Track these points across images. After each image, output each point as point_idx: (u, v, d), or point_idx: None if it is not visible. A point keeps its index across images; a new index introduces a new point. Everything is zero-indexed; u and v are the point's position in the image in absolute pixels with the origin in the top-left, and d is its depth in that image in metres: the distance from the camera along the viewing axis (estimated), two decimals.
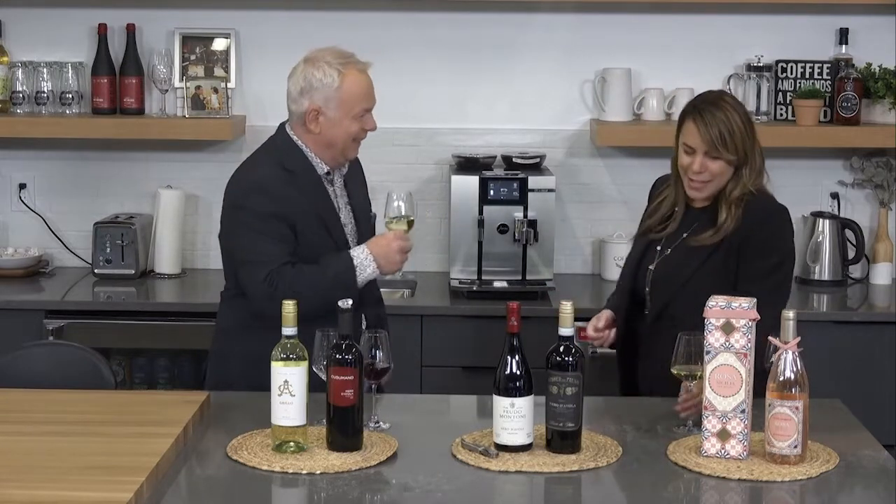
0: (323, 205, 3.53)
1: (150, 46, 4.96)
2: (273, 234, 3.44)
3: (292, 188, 3.48)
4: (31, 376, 3.52)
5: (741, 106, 3.45)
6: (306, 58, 3.52)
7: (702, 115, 3.39)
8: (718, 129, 3.37)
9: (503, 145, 4.97)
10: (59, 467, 2.78)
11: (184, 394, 3.43)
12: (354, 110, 3.49)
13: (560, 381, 2.92)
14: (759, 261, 3.40)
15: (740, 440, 2.92)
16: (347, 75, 3.47)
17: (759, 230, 3.41)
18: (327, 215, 3.53)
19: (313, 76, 3.46)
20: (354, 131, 3.52)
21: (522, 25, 4.96)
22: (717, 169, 3.39)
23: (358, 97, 3.50)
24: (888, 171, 4.91)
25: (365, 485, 2.79)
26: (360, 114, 3.51)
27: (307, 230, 3.48)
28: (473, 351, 4.44)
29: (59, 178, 5.04)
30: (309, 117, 3.48)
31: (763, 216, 3.43)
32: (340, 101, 3.47)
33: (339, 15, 4.93)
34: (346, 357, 2.90)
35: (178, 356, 4.61)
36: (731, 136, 3.37)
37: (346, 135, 3.51)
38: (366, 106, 3.53)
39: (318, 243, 3.49)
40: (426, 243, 5.03)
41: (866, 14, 4.88)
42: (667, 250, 3.52)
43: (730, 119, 3.38)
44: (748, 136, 3.40)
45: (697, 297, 3.31)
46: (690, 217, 3.51)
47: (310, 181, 3.52)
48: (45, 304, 4.57)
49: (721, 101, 3.43)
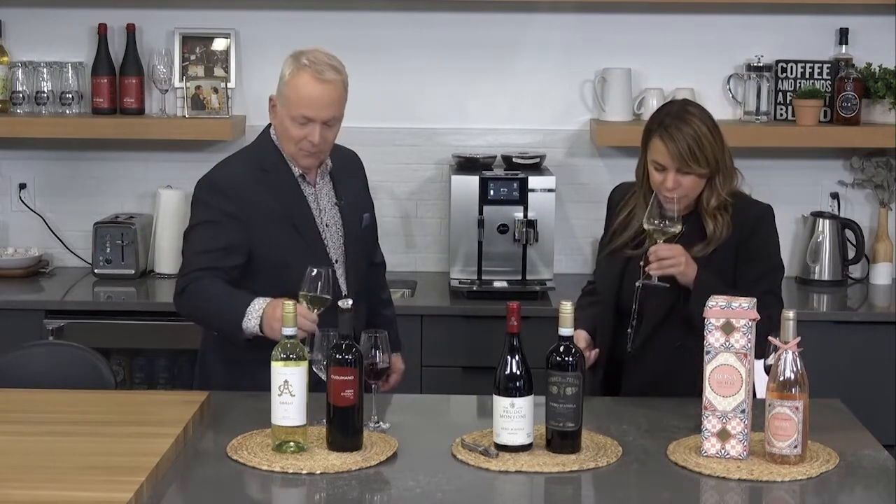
0: (295, 206, 3.50)
1: (150, 46, 4.96)
2: (215, 235, 3.43)
3: (263, 187, 3.47)
4: (31, 376, 3.52)
5: (706, 113, 3.39)
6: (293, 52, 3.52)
7: (668, 132, 3.33)
8: (687, 143, 3.31)
9: (503, 145, 4.97)
10: (59, 467, 2.78)
11: (184, 394, 3.43)
12: (292, 112, 3.40)
13: (560, 381, 2.92)
14: (758, 264, 3.41)
15: (740, 440, 2.92)
16: (298, 75, 3.39)
17: (754, 235, 3.41)
18: (299, 217, 3.50)
19: (283, 65, 3.46)
20: (295, 135, 3.42)
21: (522, 25, 4.96)
22: (690, 183, 3.35)
23: (297, 100, 3.39)
24: (888, 171, 4.91)
25: (365, 485, 2.79)
26: (300, 119, 3.40)
27: (272, 231, 3.46)
28: (473, 351, 4.44)
29: (59, 178, 5.04)
30: (270, 104, 3.50)
31: (754, 221, 3.42)
32: (285, 98, 3.43)
33: (340, 15, 4.93)
34: (346, 357, 2.90)
35: (178, 356, 4.61)
36: (701, 150, 3.32)
37: (288, 136, 3.44)
38: (305, 113, 3.38)
39: (285, 245, 3.46)
40: (426, 243, 5.03)
41: (866, 14, 4.88)
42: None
43: (697, 132, 3.32)
44: (717, 144, 3.35)
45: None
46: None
47: (283, 181, 3.50)
48: (45, 304, 4.57)
49: (685, 113, 3.36)
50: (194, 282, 3.41)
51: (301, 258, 3.41)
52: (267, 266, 3.45)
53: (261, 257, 3.46)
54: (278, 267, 3.44)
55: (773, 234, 3.48)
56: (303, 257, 3.42)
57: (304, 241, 3.50)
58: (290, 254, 3.45)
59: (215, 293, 3.39)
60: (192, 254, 3.47)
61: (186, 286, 3.43)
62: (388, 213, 4.96)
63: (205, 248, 3.43)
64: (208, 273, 3.40)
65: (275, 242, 3.46)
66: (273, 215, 3.47)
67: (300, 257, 3.42)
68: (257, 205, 3.45)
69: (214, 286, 3.39)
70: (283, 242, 3.47)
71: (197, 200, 3.53)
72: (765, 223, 3.45)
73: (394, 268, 4.84)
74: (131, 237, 4.83)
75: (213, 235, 3.44)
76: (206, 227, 3.46)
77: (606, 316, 3.50)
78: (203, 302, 3.40)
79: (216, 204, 3.46)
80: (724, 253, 3.39)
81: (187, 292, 3.42)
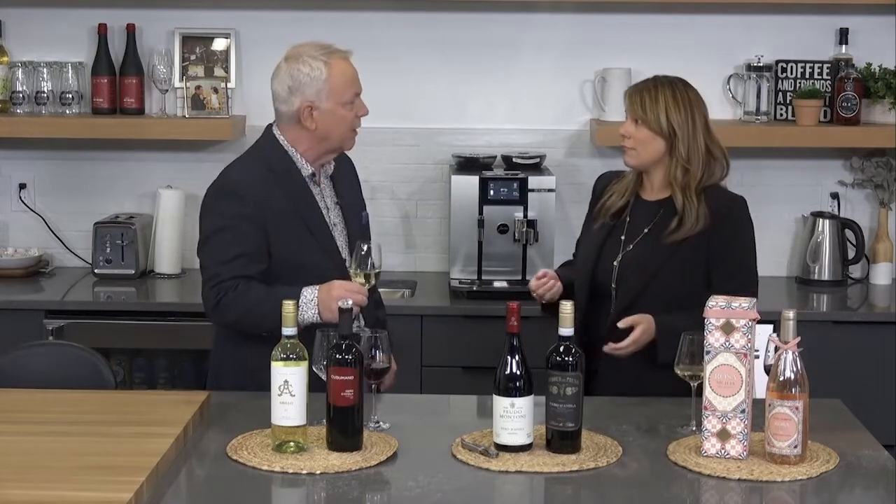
0: (306, 206, 3.50)
1: (150, 46, 4.96)
2: (238, 241, 3.40)
3: (274, 188, 3.46)
4: (31, 376, 3.52)
5: (683, 86, 3.57)
6: (287, 56, 3.50)
7: (635, 85, 3.60)
8: (641, 96, 3.54)
9: (503, 145, 4.97)
10: (59, 467, 2.78)
11: (184, 394, 3.43)
12: (345, 97, 3.47)
13: (560, 381, 2.92)
14: (729, 248, 3.49)
15: (740, 440, 2.92)
16: (334, 65, 3.45)
17: (725, 219, 3.50)
18: (311, 217, 3.50)
19: (300, 72, 3.44)
20: (350, 119, 3.50)
21: (522, 25, 4.96)
22: (643, 136, 3.52)
23: (346, 84, 3.48)
24: (888, 171, 4.91)
25: (365, 485, 2.79)
26: (351, 100, 3.49)
27: (287, 231, 3.45)
28: (473, 351, 4.44)
29: (59, 178, 5.04)
30: (304, 114, 3.46)
31: (724, 205, 3.52)
32: (330, 92, 3.45)
33: (339, 15, 4.93)
34: (346, 357, 2.90)
35: (178, 356, 4.61)
36: (654, 103, 3.51)
37: (342, 124, 3.49)
38: (355, 90, 3.51)
39: (299, 244, 3.46)
40: (426, 243, 5.03)
41: (866, 14, 4.89)
42: (629, 245, 3.56)
43: (658, 90, 3.54)
44: (678, 112, 3.51)
45: (666, 290, 3.47)
46: (647, 210, 3.58)
47: (294, 182, 3.50)
48: (45, 304, 4.57)
49: (661, 77, 3.59)
50: (229, 291, 3.38)
51: (314, 258, 3.44)
52: (282, 266, 3.44)
53: (276, 257, 3.45)
54: (293, 267, 3.43)
55: (745, 220, 3.56)
56: (316, 257, 3.44)
57: (317, 241, 3.49)
58: (304, 253, 3.46)
59: (257, 297, 3.36)
60: (216, 264, 3.42)
61: (221, 297, 3.39)
62: (388, 213, 4.96)
63: (227, 256, 3.40)
64: (240, 281, 3.39)
65: (289, 242, 3.45)
66: (286, 215, 3.46)
67: (314, 257, 3.44)
68: (270, 205, 3.44)
69: (253, 290, 3.37)
70: (297, 242, 3.46)
71: (209, 208, 3.49)
72: (735, 210, 3.55)
73: (394, 268, 4.86)
74: (131, 237, 4.83)
75: (232, 242, 3.41)
76: (225, 233, 3.42)
77: (582, 289, 3.60)
78: (246, 309, 3.36)
79: (231, 209, 3.43)
80: (696, 241, 3.48)
81: (224, 303, 3.39)
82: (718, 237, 3.48)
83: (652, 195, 3.59)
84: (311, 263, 3.42)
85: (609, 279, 3.56)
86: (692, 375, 3.06)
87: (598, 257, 3.60)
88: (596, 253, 3.61)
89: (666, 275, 3.49)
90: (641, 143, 3.53)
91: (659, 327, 3.40)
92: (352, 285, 3.32)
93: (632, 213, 3.61)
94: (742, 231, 3.54)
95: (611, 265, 3.56)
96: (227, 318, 3.43)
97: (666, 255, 3.49)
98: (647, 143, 3.53)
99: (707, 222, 3.47)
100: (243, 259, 3.40)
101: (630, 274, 3.53)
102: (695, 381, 3.06)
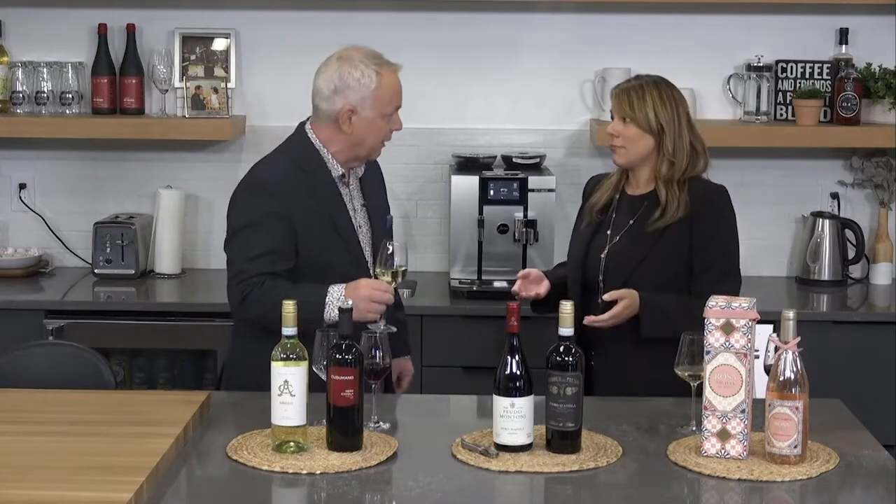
0: (334, 206, 3.50)
1: (150, 46, 4.96)
2: (266, 238, 3.40)
3: (303, 187, 3.45)
4: (31, 376, 3.52)
5: (666, 86, 3.61)
6: (339, 56, 3.48)
7: (620, 86, 3.63)
8: (629, 94, 3.58)
9: (503, 145, 4.97)
10: (59, 467, 2.78)
11: (184, 394, 3.43)
12: (387, 109, 3.48)
13: (560, 381, 2.92)
14: (711, 236, 3.53)
15: (740, 440, 2.92)
16: (384, 76, 3.46)
17: (707, 207, 3.55)
18: (338, 217, 3.50)
19: (350, 75, 3.43)
20: (385, 131, 3.51)
21: (522, 25, 4.96)
22: (632, 135, 3.56)
23: (392, 97, 3.49)
24: (888, 171, 4.91)
25: (365, 485, 2.79)
26: (391, 112, 3.50)
27: (314, 230, 3.45)
28: (473, 351, 4.44)
29: (59, 178, 5.04)
30: (342, 117, 3.45)
31: (706, 194, 3.57)
32: (375, 101, 3.45)
33: (340, 15, 4.93)
34: (346, 357, 2.90)
35: (178, 356, 4.61)
36: (641, 102, 3.55)
37: (377, 134, 3.49)
38: (397, 104, 3.52)
39: (327, 244, 3.46)
40: (426, 243, 5.03)
41: (866, 14, 4.89)
42: (615, 238, 3.61)
43: (644, 89, 3.58)
44: (665, 110, 3.56)
45: (650, 278, 3.51)
46: (632, 204, 3.62)
47: (323, 182, 3.50)
48: (45, 304, 4.57)
49: (645, 77, 3.63)
50: (255, 287, 3.38)
51: (341, 258, 3.45)
52: (308, 264, 3.44)
53: (303, 256, 3.44)
54: (319, 266, 3.43)
55: (727, 209, 3.60)
56: (342, 257, 3.45)
57: (343, 241, 3.49)
58: (331, 253, 3.46)
59: (283, 294, 3.30)
60: (243, 260, 3.42)
61: (247, 294, 3.39)
62: None
63: (255, 252, 3.40)
64: (266, 277, 3.38)
65: (316, 241, 3.45)
66: (314, 214, 3.45)
67: (340, 257, 3.46)
68: (300, 203, 3.44)
69: (279, 287, 3.36)
70: (324, 241, 3.46)
71: (239, 204, 3.48)
72: (717, 200, 3.58)
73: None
74: (131, 237, 4.83)
75: (260, 239, 3.41)
76: (253, 230, 3.42)
77: (574, 286, 3.64)
78: (273, 305, 3.26)
79: (260, 205, 3.42)
80: (679, 229, 3.52)
81: (250, 300, 3.38)
82: (700, 225, 3.53)
83: (637, 190, 3.64)
84: (336, 262, 3.43)
85: (597, 273, 3.61)
86: (692, 375, 3.06)
87: (587, 254, 3.65)
88: (584, 249, 3.66)
89: (650, 263, 3.54)
90: (630, 141, 3.57)
91: (643, 303, 3.45)
92: (379, 284, 3.34)
93: (617, 209, 3.65)
94: (724, 219, 3.58)
95: (598, 259, 3.61)
96: (253, 315, 3.42)
97: (650, 243, 3.54)
98: (635, 140, 3.57)
99: (688, 209, 3.52)
100: (271, 256, 3.40)
101: (615, 265, 3.58)
102: (695, 381, 3.06)
